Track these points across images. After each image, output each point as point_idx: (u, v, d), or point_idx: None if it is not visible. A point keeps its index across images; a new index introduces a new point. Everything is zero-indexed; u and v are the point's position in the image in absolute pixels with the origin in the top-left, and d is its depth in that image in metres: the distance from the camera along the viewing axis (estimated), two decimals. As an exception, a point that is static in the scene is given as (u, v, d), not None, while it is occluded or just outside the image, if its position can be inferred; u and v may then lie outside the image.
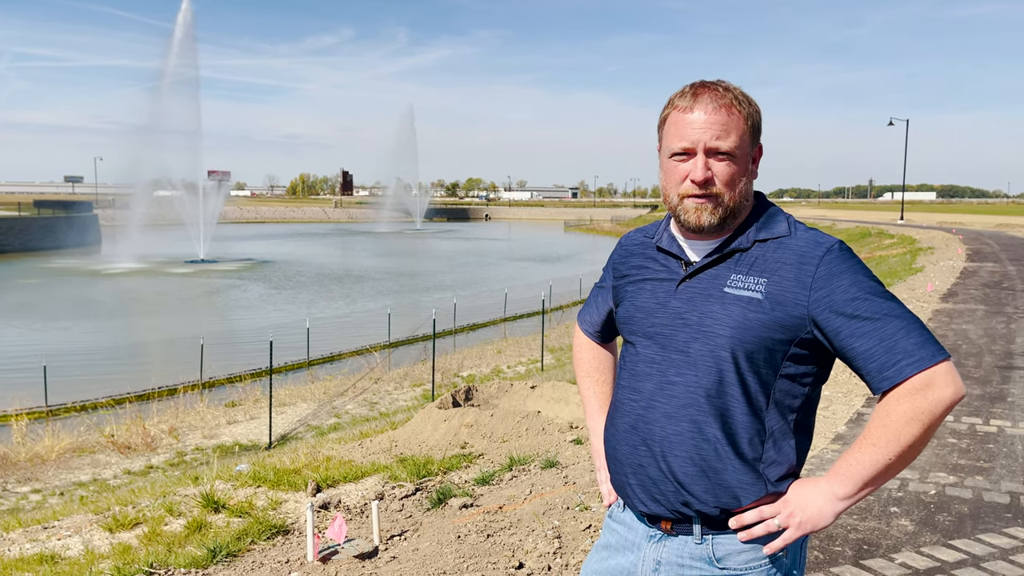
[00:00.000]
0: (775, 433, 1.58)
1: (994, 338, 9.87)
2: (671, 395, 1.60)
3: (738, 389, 1.55)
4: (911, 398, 1.45)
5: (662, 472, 1.61)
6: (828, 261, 1.53)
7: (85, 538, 5.59)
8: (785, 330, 1.54)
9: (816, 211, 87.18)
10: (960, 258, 22.32)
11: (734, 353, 1.54)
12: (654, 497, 1.63)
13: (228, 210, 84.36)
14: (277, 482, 6.10)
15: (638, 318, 1.69)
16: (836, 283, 1.51)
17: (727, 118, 1.57)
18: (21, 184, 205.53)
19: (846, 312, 1.50)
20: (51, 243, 51.83)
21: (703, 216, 1.59)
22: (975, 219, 57.22)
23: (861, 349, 1.49)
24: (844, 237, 41.94)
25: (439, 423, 7.74)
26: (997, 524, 4.15)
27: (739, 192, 1.60)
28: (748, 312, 1.54)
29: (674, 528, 1.63)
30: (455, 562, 3.83)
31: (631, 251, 1.81)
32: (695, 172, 1.58)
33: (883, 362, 1.47)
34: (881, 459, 1.48)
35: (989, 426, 6.04)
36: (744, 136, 1.59)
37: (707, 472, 1.57)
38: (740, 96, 1.61)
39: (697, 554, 1.61)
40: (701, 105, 1.58)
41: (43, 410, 14.67)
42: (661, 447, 1.60)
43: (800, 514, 1.54)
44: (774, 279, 1.55)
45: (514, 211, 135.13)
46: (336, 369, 18.61)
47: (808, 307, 1.52)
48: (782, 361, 1.56)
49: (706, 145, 1.57)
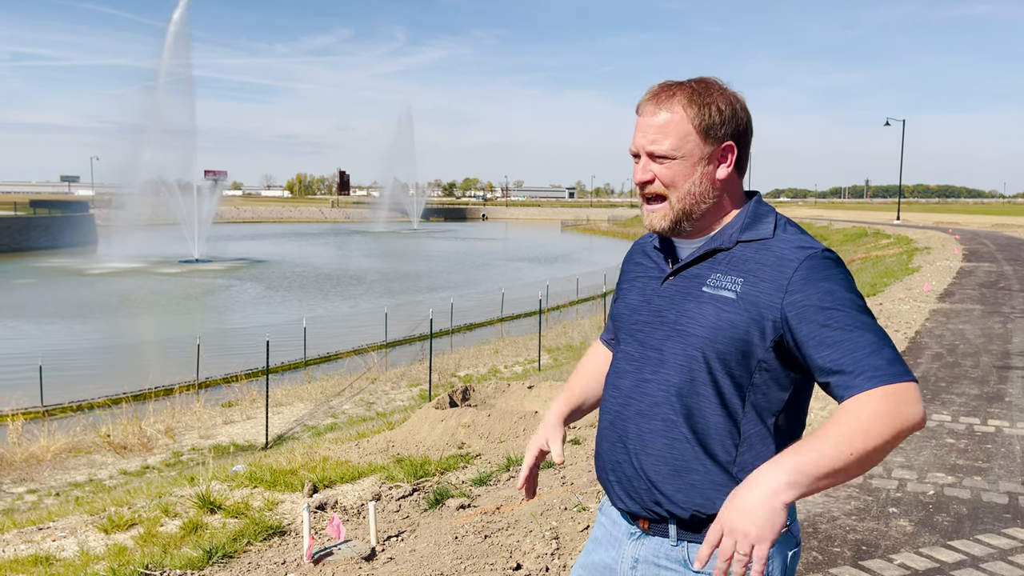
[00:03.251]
0: (752, 437, 1.54)
1: (991, 338, 9.88)
2: (645, 393, 1.60)
3: (710, 389, 1.53)
4: (885, 401, 1.36)
5: (635, 470, 1.60)
6: (807, 267, 1.49)
7: (80, 539, 5.56)
8: (758, 332, 1.50)
9: (812, 211, 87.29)
10: (957, 258, 22.34)
11: (704, 353, 1.53)
12: (630, 494, 1.63)
13: (224, 210, 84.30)
14: (273, 483, 6.07)
15: (625, 315, 1.70)
16: (812, 289, 1.46)
17: (668, 119, 1.57)
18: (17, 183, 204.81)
19: (818, 320, 1.44)
20: (47, 243, 51.70)
21: (654, 220, 1.62)
22: (971, 219, 57.34)
23: (828, 358, 1.42)
24: (840, 237, 42.04)
25: (436, 423, 7.72)
26: (996, 525, 4.14)
27: (687, 194, 1.58)
28: (721, 312, 1.52)
29: (651, 528, 1.63)
30: (452, 563, 3.82)
31: (635, 250, 1.83)
32: (635, 174, 1.62)
33: (850, 372, 1.40)
34: (843, 453, 1.33)
35: (987, 426, 6.04)
36: (688, 136, 1.56)
37: (679, 471, 1.55)
38: (693, 95, 1.57)
39: (673, 556, 1.60)
40: (647, 107, 1.60)
41: (39, 410, 14.62)
42: (635, 445, 1.60)
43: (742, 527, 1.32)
44: (750, 279, 1.52)
45: (511, 211, 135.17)
46: (333, 369, 18.58)
47: (782, 310, 1.48)
48: (757, 363, 1.52)
49: (645, 148, 1.59)
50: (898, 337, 9.91)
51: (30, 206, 66.04)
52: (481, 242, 71.91)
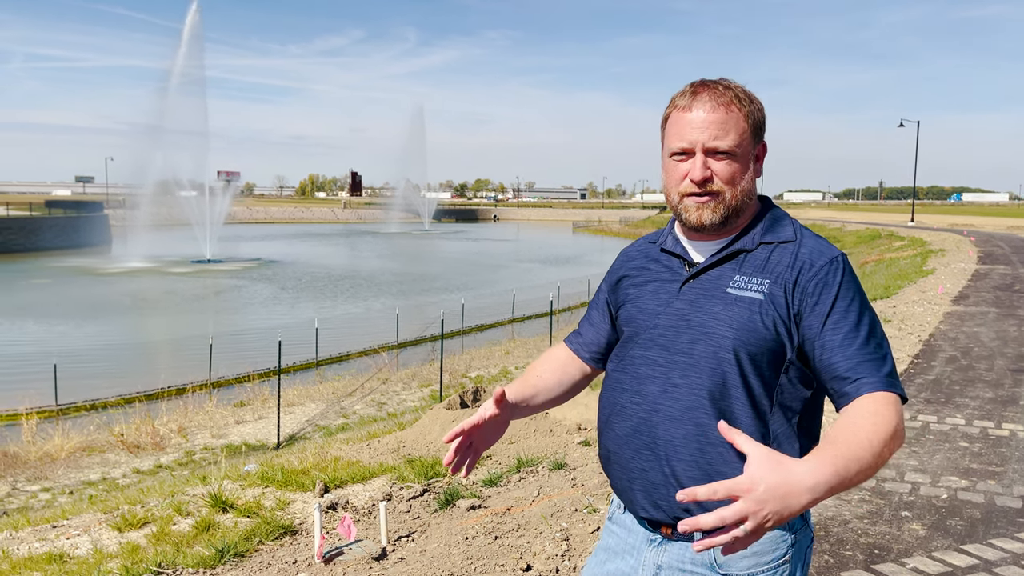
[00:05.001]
0: (779, 436, 1.56)
1: (1006, 341, 9.80)
2: (675, 398, 1.58)
3: (742, 391, 1.54)
4: (886, 406, 1.43)
5: (665, 476, 1.58)
6: (828, 271, 1.54)
7: (94, 537, 5.60)
8: (786, 332, 1.54)
9: (826, 212, 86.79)
10: (971, 260, 22.18)
11: (737, 354, 1.54)
12: (655, 503, 1.61)
13: (237, 210, 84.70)
14: (285, 482, 6.10)
15: (641, 320, 1.68)
16: (827, 295, 1.53)
17: (725, 116, 1.57)
18: (32, 184, 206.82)
19: (829, 325, 1.51)
20: (62, 243, 52.09)
21: (704, 214, 1.60)
22: (986, 221, 56.90)
23: (830, 362, 1.50)
24: (854, 239, 41.79)
25: (447, 424, 7.73)
26: (1009, 529, 4.11)
27: (741, 190, 1.60)
28: (751, 313, 1.54)
29: (674, 533, 1.61)
30: (463, 564, 3.82)
31: (632, 256, 1.81)
32: (694, 172, 1.59)
33: (848, 379, 1.48)
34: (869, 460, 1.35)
35: (1001, 430, 5.99)
36: (744, 134, 1.59)
37: (712, 476, 1.54)
38: (741, 94, 1.60)
39: (699, 559, 1.59)
40: (700, 104, 1.58)
41: (53, 409, 14.75)
42: (665, 451, 1.58)
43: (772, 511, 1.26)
44: (777, 282, 1.56)
45: (522, 212, 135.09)
46: (344, 369, 18.63)
47: (800, 312, 1.54)
48: (784, 363, 1.55)
49: (704, 145, 1.57)
50: (912, 340, 9.85)
51: (45, 206, 66.56)
52: (492, 243, 71.91)
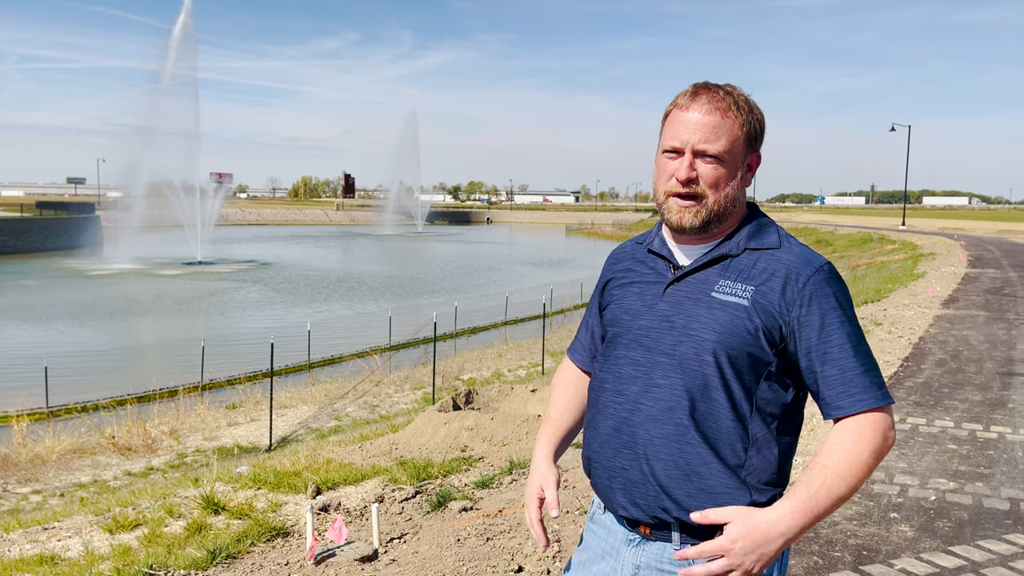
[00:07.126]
0: (759, 440, 1.58)
1: (995, 344, 9.87)
2: (656, 398, 1.60)
3: (722, 394, 1.56)
4: (873, 433, 1.52)
5: (644, 475, 1.60)
6: (815, 281, 1.57)
7: (85, 539, 5.59)
8: (768, 338, 1.57)
9: (818, 216, 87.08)
10: (962, 264, 22.31)
11: (717, 358, 1.56)
12: (634, 501, 1.62)
13: (229, 212, 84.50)
14: (277, 484, 6.10)
15: (625, 320, 1.70)
16: (816, 305, 1.56)
17: (720, 121, 1.59)
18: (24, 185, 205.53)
19: (819, 335, 1.55)
20: (53, 244, 51.81)
21: (685, 217, 1.62)
22: (977, 225, 57.21)
23: (822, 373, 1.55)
24: (846, 242, 41.97)
25: (439, 426, 7.74)
26: (997, 530, 4.15)
27: (724, 196, 1.62)
28: (734, 318, 1.56)
29: (653, 533, 1.63)
30: (454, 565, 3.84)
31: (620, 257, 1.84)
32: (679, 171, 1.61)
33: (839, 391, 1.54)
34: (844, 491, 1.51)
35: (990, 432, 6.04)
36: (736, 141, 1.60)
37: (690, 476, 1.56)
38: (740, 101, 1.62)
39: (677, 560, 1.61)
40: (697, 105, 1.60)
41: (44, 411, 14.67)
42: (645, 450, 1.60)
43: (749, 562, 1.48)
44: (761, 289, 1.58)
45: (516, 214, 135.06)
46: (337, 371, 18.61)
47: (788, 321, 1.57)
48: (764, 369, 1.58)
49: (694, 146, 1.59)
50: (902, 343, 9.90)
51: (36, 207, 66.19)
52: (485, 245, 71.92)
